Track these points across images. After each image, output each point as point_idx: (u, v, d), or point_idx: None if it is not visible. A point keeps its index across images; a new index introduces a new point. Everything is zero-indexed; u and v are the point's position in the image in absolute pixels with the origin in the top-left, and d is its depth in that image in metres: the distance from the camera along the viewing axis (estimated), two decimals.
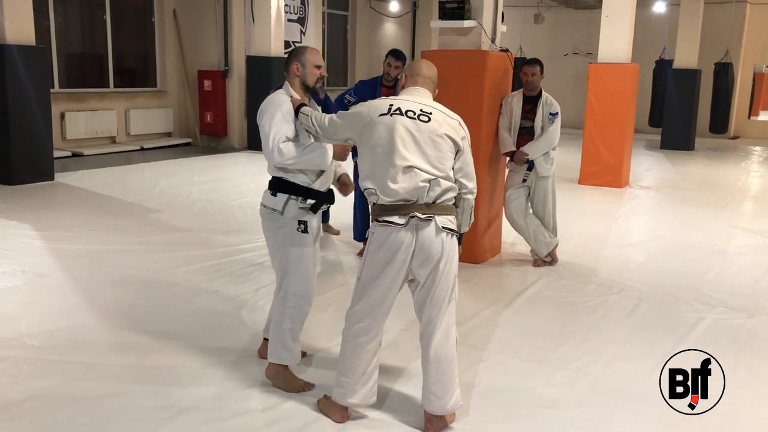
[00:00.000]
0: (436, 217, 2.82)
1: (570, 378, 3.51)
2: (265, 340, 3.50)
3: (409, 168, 2.80)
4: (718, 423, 3.05)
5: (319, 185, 3.23)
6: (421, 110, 2.88)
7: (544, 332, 4.13)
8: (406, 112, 2.86)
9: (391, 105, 2.90)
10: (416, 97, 2.96)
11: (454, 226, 2.90)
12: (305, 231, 3.21)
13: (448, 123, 2.90)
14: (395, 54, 5.48)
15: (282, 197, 3.20)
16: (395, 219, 2.81)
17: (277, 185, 3.22)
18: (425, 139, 2.83)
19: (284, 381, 3.26)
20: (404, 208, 2.81)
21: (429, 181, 2.81)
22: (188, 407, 3.07)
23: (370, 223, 2.93)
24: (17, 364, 3.47)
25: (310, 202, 3.21)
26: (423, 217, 2.80)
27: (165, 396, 3.16)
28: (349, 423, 2.97)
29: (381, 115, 2.88)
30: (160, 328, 3.97)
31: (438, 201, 2.85)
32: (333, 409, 3.01)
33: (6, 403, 3.06)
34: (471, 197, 2.99)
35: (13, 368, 3.42)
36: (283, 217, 3.20)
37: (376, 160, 2.86)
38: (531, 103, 5.40)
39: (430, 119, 2.86)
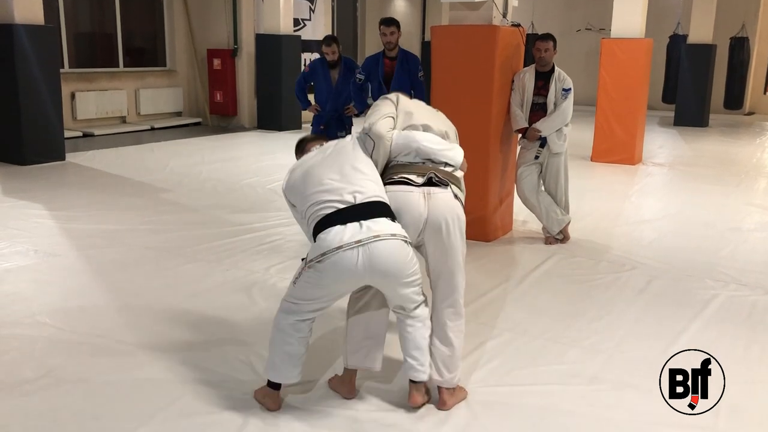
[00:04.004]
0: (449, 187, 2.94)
1: (582, 355, 3.50)
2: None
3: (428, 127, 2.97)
4: (733, 401, 3.02)
5: None
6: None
7: (555, 310, 4.11)
8: None
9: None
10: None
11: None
12: None
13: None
14: (385, 22, 5.67)
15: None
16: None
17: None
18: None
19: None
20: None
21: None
22: (199, 386, 3.08)
23: None
24: (30, 342, 3.50)
25: None
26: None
27: (175, 374, 3.17)
28: (356, 401, 2.97)
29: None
30: (172, 307, 3.99)
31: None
32: (341, 385, 3.02)
33: (19, 381, 3.08)
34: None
35: (26, 346, 3.45)
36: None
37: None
38: (543, 79, 5.33)
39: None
